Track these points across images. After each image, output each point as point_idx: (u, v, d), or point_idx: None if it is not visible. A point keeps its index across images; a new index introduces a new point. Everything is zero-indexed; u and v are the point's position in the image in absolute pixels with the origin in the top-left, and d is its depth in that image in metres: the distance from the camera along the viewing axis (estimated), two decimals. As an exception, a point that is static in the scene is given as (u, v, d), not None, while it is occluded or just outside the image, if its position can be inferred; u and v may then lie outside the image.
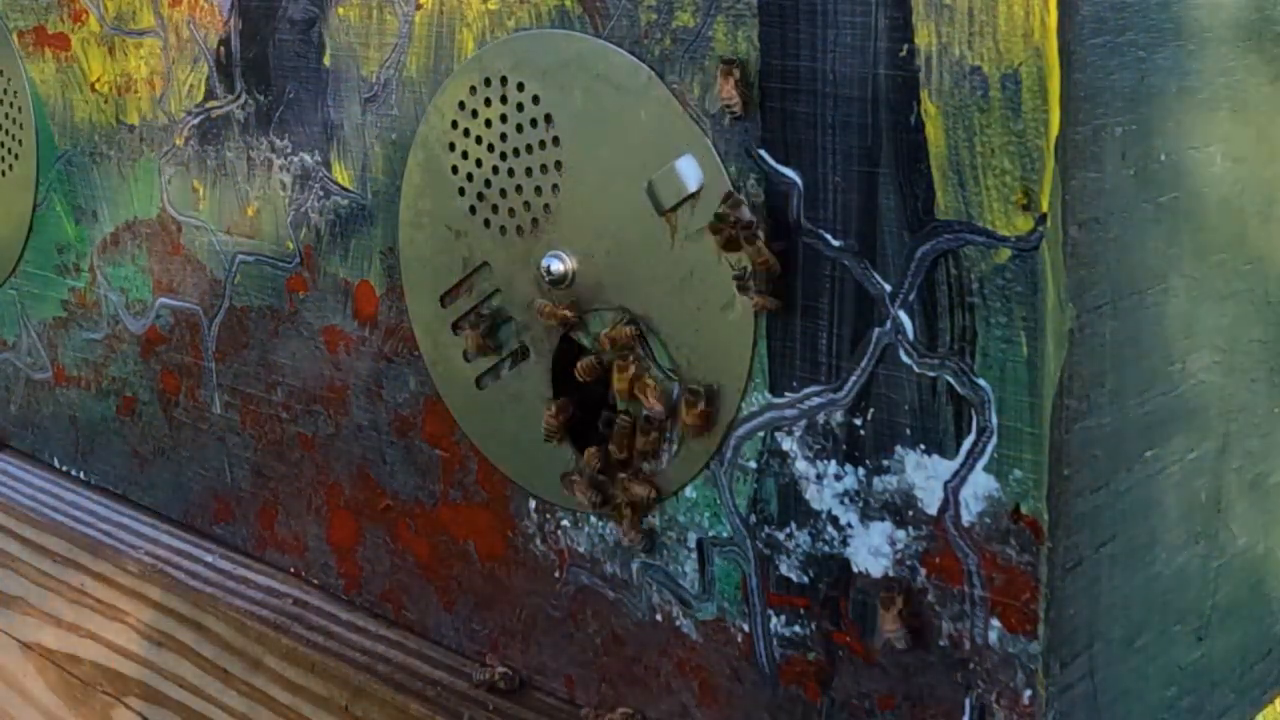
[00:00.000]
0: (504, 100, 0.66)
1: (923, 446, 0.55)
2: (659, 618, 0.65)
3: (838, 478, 0.58)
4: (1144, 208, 0.54)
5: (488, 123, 0.67)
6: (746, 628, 0.62)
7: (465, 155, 0.68)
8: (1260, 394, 0.63)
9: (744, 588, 0.62)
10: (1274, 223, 0.62)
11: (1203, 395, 0.59)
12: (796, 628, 0.60)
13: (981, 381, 0.53)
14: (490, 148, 0.67)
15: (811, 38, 0.55)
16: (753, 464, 0.60)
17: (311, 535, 0.82)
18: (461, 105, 0.68)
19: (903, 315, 0.54)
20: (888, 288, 0.55)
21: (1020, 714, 0.54)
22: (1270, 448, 0.64)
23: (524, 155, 0.65)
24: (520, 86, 0.65)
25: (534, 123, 0.65)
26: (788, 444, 0.59)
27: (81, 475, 0.99)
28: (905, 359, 0.55)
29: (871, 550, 0.57)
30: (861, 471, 0.57)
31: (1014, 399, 0.52)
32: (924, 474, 0.55)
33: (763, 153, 0.57)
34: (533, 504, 0.69)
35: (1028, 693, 0.53)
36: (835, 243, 0.56)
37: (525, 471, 0.69)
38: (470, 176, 0.68)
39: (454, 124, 0.68)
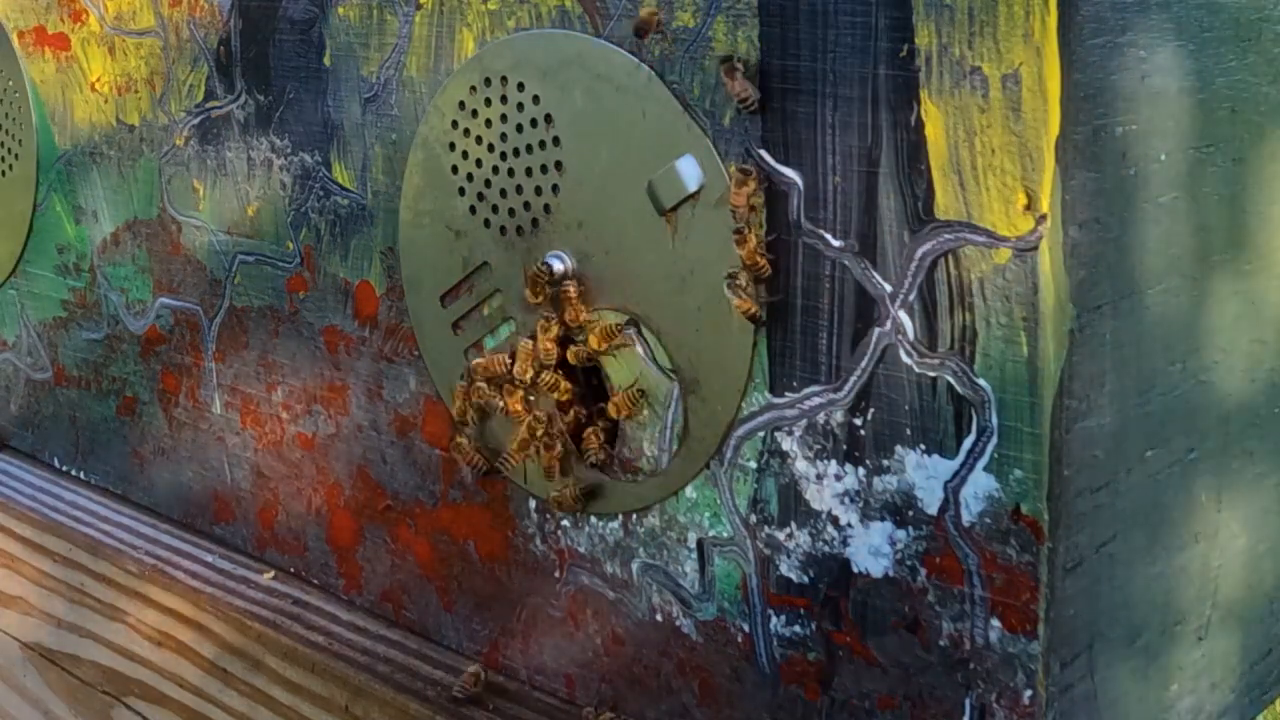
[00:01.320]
0: (504, 100, 0.66)
1: (923, 446, 0.55)
2: (659, 618, 0.65)
3: (838, 478, 0.58)
4: (1144, 208, 0.54)
5: (488, 123, 0.67)
6: (746, 628, 0.62)
7: (465, 155, 0.68)
8: (1260, 394, 0.63)
9: (744, 588, 0.62)
10: (1274, 223, 0.62)
11: (1203, 395, 0.59)
12: (796, 628, 0.60)
13: (981, 381, 0.53)
14: (490, 148, 0.67)
15: (811, 38, 0.55)
16: (753, 464, 0.60)
17: (311, 535, 0.82)
18: (461, 105, 0.68)
19: (903, 315, 0.54)
20: (888, 288, 0.55)
21: (1020, 714, 0.54)
22: (1270, 448, 0.64)
23: (524, 155, 0.65)
24: (520, 86, 0.65)
25: (534, 123, 0.65)
26: (788, 444, 0.59)
27: (81, 475, 0.99)
28: (905, 359, 0.55)
29: (872, 550, 0.57)
30: (861, 471, 0.57)
31: (1014, 399, 0.52)
32: (924, 474, 0.55)
33: (763, 153, 0.57)
34: (533, 504, 0.69)
35: (1028, 693, 0.53)
36: (835, 243, 0.56)
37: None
38: (470, 176, 0.68)
39: (454, 124, 0.68)
